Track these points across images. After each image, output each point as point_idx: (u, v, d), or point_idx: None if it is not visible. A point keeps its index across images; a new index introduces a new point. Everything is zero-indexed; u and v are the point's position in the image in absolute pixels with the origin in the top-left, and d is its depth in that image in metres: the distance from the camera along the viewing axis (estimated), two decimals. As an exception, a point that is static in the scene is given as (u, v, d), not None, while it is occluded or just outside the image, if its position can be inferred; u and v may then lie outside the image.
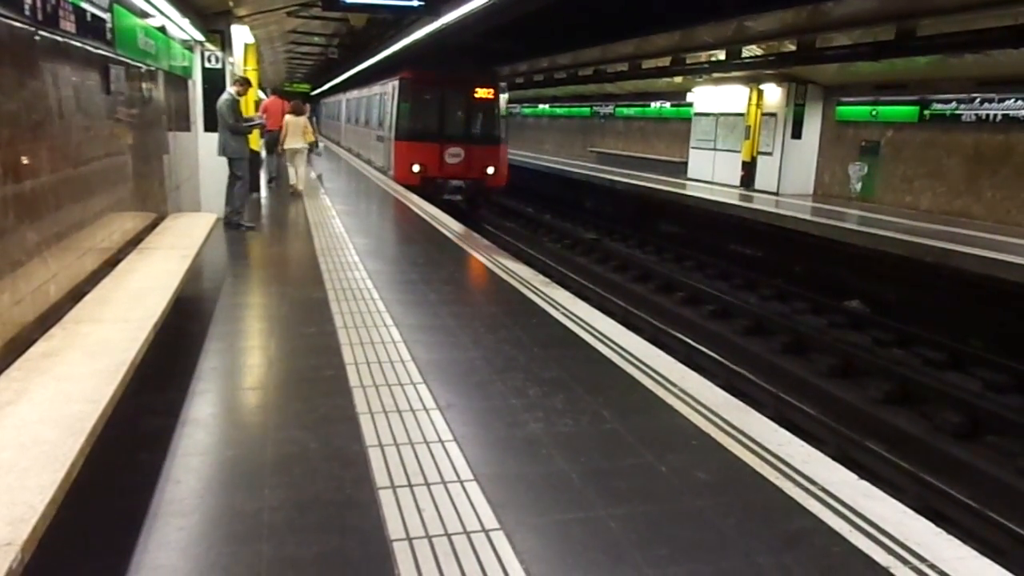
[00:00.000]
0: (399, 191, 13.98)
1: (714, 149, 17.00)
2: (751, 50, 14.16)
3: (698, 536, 2.64)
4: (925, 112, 12.50)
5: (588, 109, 24.59)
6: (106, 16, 4.75)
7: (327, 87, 35.45)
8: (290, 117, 12.60)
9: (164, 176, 7.32)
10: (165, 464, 3.04)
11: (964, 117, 11.80)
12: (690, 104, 17.90)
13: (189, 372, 4.13)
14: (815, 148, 14.92)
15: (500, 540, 2.55)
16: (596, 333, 5.15)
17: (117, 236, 5.23)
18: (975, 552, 2.59)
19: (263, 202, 12.06)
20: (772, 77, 14.68)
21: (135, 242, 5.66)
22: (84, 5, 4.23)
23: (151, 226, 6.35)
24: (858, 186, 14.03)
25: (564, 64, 20.95)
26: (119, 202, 5.36)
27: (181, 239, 5.89)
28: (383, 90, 17.64)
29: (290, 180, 12.99)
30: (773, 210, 12.38)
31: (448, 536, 2.56)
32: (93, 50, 4.56)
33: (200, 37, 8.91)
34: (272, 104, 15.05)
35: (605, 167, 20.75)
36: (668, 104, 19.95)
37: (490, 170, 15.63)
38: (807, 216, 11.78)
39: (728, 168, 16.35)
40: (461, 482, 2.94)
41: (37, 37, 3.58)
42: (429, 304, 5.87)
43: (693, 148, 17.82)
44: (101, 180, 4.86)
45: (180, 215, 7.38)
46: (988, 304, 8.61)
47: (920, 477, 5.41)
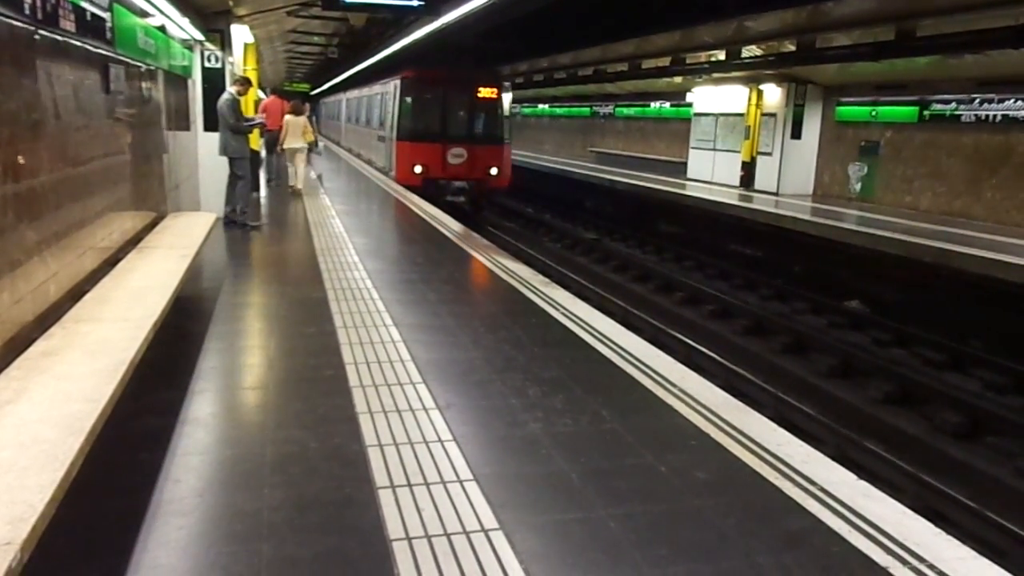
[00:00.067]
0: (399, 191, 13.97)
1: (714, 149, 17.00)
2: (751, 50, 14.15)
3: (698, 536, 2.64)
4: (925, 112, 12.51)
5: (588, 109, 24.59)
6: (106, 15, 4.74)
7: (327, 87, 35.43)
8: (290, 117, 12.62)
9: (164, 175, 7.32)
10: (165, 463, 3.04)
11: (964, 117, 11.80)
12: (690, 104, 17.90)
13: (189, 371, 4.13)
14: (815, 148, 14.92)
15: (499, 540, 2.55)
16: (596, 333, 5.15)
17: (117, 235, 5.23)
18: (974, 552, 2.59)
19: (263, 202, 12.05)
20: (772, 77, 14.68)
21: (135, 241, 5.67)
22: (84, 4, 4.22)
23: (151, 225, 6.36)
24: (858, 186, 14.04)
25: (564, 64, 20.95)
26: (119, 201, 5.36)
27: (181, 238, 5.89)
28: (384, 89, 17.41)
29: (290, 180, 13.01)
30: (773, 210, 12.38)
31: (447, 536, 2.56)
32: (93, 49, 4.56)
33: (200, 36, 8.91)
34: (271, 104, 15.01)
35: (605, 167, 20.75)
36: (668, 104, 19.95)
37: (493, 171, 15.38)
38: (807, 216, 11.78)
39: (728, 168, 16.35)
40: (460, 482, 2.94)
41: (37, 36, 3.58)
42: (429, 304, 5.88)
43: (693, 148, 17.82)
44: (101, 179, 4.86)
45: (180, 214, 7.39)
46: (988, 304, 8.61)
47: (919, 477, 5.42)
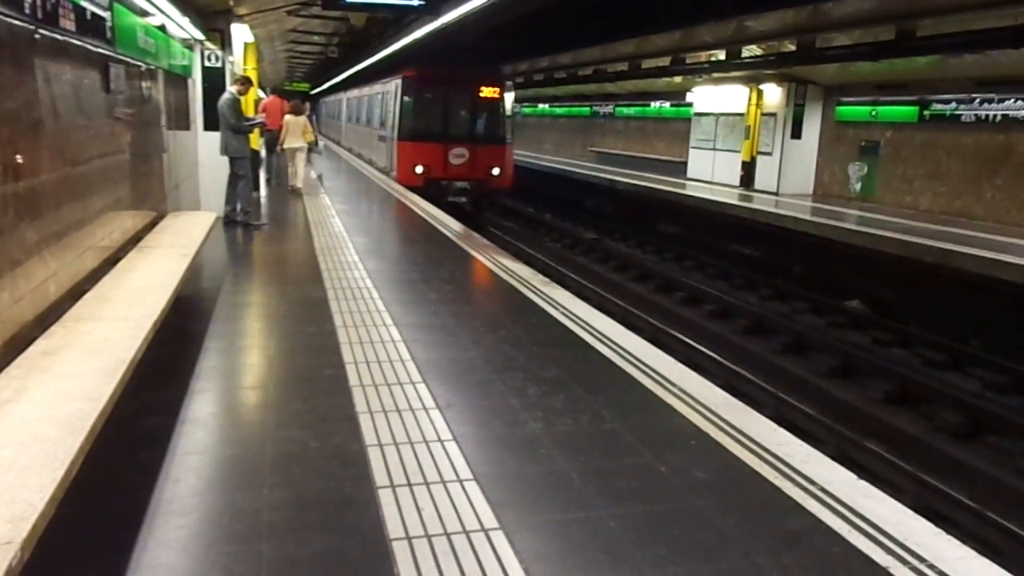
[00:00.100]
0: (399, 191, 13.96)
1: (714, 149, 16.99)
2: (751, 50, 14.16)
3: (698, 536, 2.64)
4: (925, 112, 12.51)
5: (588, 109, 24.59)
6: (106, 15, 4.74)
7: (327, 86, 35.41)
8: (290, 117, 12.64)
9: (164, 175, 7.32)
10: (165, 463, 3.04)
11: (964, 117, 11.80)
12: (690, 104, 17.90)
13: (189, 371, 4.13)
14: (815, 148, 14.91)
15: (499, 540, 2.55)
16: (596, 333, 5.15)
17: (117, 234, 5.24)
18: (975, 552, 2.59)
19: (263, 201, 12.05)
20: (772, 77, 14.67)
21: (135, 240, 5.67)
22: (84, 3, 4.22)
23: (151, 224, 6.36)
24: (858, 186, 14.04)
25: (564, 64, 20.96)
26: (119, 200, 5.36)
27: (181, 238, 5.89)
28: (385, 89, 17.26)
29: (290, 179, 13.02)
30: (773, 210, 12.38)
31: (447, 535, 2.56)
32: (93, 49, 4.56)
33: (200, 36, 8.91)
34: (271, 103, 15.00)
35: (605, 167, 20.74)
36: (668, 104, 19.94)
37: (495, 171, 15.20)
38: (807, 216, 11.78)
39: (728, 168, 16.35)
40: (460, 481, 2.94)
41: (37, 36, 3.58)
42: (429, 303, 5.87)
43: (693, 148, 17.82)
44: (101, 178, 4.86)
45: (180, 214, 7.39)
46: (988, 304, 8.61)
47: (919, 477, 5.42)
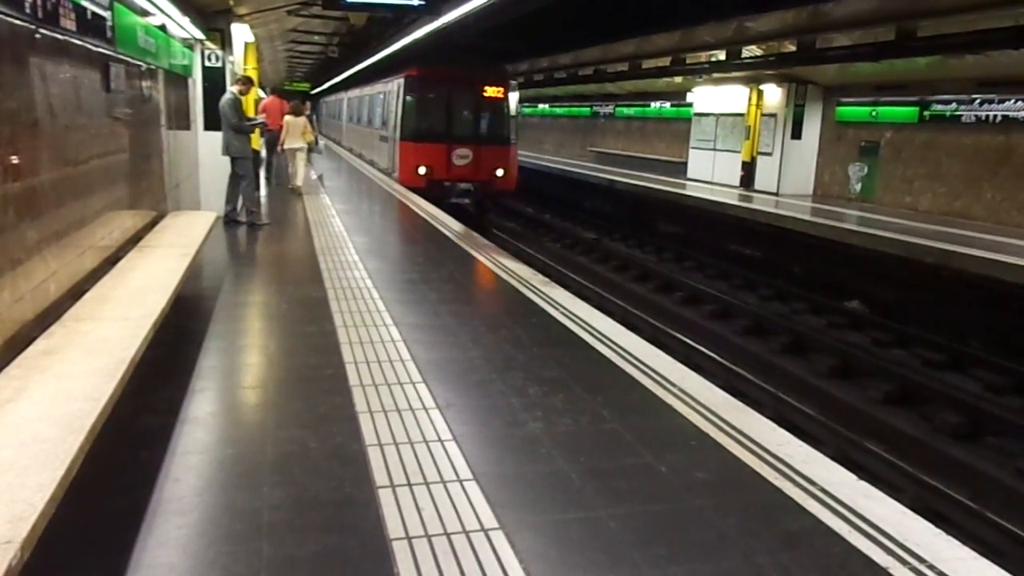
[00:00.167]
0: (399, 191, 13.95)
1: (714, 149, 16.99)
2: (751, 50, 14.16)
3: (698, 536, 2.64)
4: (925, 113, 12.50)
5: (588, 109, 24.59)
6: (106, 14, 4.74)
7: (327, 86, 35.39)
8: (290, 117, 12.65)
9: (164, 174, 7.32)
10: (165, 462, 3.04)
11: (964, 118, 11.80)
12: (690, 104, 17.89)
13: (189, 370, 4.13)
14: (815, 148, 14.91)
15: (499, 539, 2.55)
16: (596, 333, 5.15)
17: (117, 234, 5.23)
18: (974, 553, 2.59)
19: (263, 201, 12.03)
20: (772, 77, 14.68)
21: (135, 240, 5.66)
22: (84, 3, 4.22)
23: (151, 224, 6.36)
24: (858, 187, 14.04)
25: (564, 64, 20.95)
26: (119, 200, 5.36)
27: (181, 237, 5.89)
28: (387, 88, 17.02)
29: (290, 180, 13.02)
30: (773, 210, 12.38)
31: (447, 535, 2.56)
32: (93, 48, 4.56)
33: (200, 35, 8.91)
34: (271, 104, 14.99)
35: (605, 167, 20.74)
36: (668, 104, 19.94)
37: (499, 172, 14.95)
38: (807, 216, 11.78)
39: (728, 168, 16.35)
40: (460, 481, 2.94)
41: (37, 35, 3.58)
42: (429, 303, 5.88)
43: (693, 148, 17.82)
44: (101, 178, 4.86)
45: (180, 213, 7.39)
46: (988, 305, 8.61)
47: (919, 478, 5.42)
